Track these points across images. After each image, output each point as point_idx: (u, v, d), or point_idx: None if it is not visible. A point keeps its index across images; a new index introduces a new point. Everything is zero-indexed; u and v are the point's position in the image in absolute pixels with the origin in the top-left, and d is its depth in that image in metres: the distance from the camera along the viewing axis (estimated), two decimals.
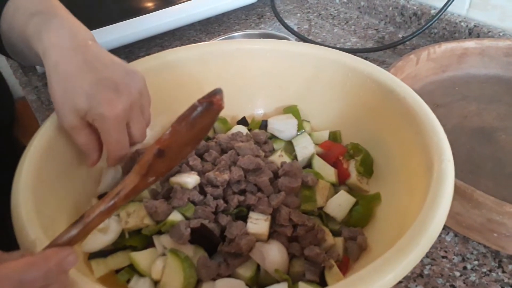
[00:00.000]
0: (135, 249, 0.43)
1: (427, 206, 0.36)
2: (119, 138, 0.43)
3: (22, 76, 0.86)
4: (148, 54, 0.65)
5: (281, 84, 0.61)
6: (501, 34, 0.78)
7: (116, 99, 0.41)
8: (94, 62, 0.42)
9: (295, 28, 0.95)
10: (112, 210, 0.36)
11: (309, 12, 1.03)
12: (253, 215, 0.45)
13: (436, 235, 0.34)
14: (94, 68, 0.41)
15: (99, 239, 0.44)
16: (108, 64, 0.42)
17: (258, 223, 0.44)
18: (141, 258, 0.42)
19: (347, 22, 0.98)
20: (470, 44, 0.72)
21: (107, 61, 0.43)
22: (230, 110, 0.61)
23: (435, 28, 0.87)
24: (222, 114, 0.61)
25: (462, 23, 0.82)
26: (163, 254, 0.43)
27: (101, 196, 0.49)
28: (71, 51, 0.42)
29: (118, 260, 0.43)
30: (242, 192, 0.48)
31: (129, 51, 0.88)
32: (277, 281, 0.42)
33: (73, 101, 0.41)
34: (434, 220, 0.35)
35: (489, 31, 0.79)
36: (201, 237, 0.43)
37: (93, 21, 0.84)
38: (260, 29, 0.97)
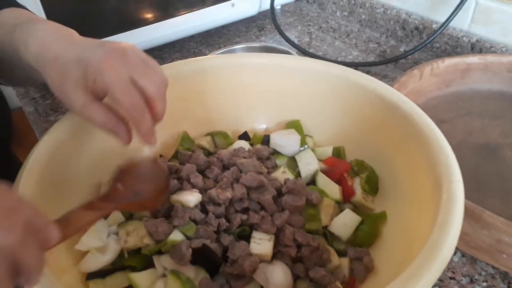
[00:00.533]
0: (134, 269, 0.42)
1: (437, 229, 0.35)
2: (129, 96, 0.38)
3: (20, 87, 0.85)
4: None
5: (283, 99, 0.60)
6: (503, 49, 0.78)
7: (108, 54, 0.39)
8: (81, 42, 0.42)
9: (296, 41, 0.94)
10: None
11: (309, 25, 1.03)
12: (256, 235, 0.44)
13: (448, 259, 0.33)
14: (81, 45, 0.41)
15: (97, 259, 0.42)
16: (96, 42, 0.42)
17: (261, 243, 0.43)
18: (140, 279, 0.40)
19: (348, 35, 0.98)
20: (474, 59, 0.72)
21: (94, 41, 0.42)
22: (232, 124, 0.61)
23: (437, 43, 0.87)
24: (224, 128, 0.60)
25: (464, 38, 0.82)
26: (164, 275, 0.41)
27: None
28: (57, 41, 0.42)
29: (117, 281, 0.41)
30: (245, 210, 0.47)
31: None
32: None
33: (69, 77, 0.39)
34: (446, 244, 0.34)
35: (492, 46, 0.79)
36: (203, 258, 0.42)
37: (92, 32, 0.83)
38: (260, 41, 0.96)
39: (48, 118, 0.76)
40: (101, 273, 0.41)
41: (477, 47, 0.81)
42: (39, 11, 0.70)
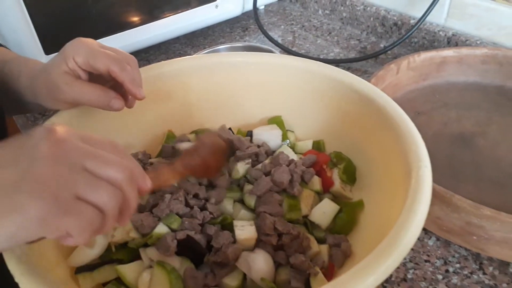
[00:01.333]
0: (121, 262, 0.44)
1: (405, 211, 0.37)
2: (106, 54, 0.44)
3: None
4: None
5: (265, 96, 0.62)
6: (478, 42, 0.80)
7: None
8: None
9: (279, 40, 0.96)
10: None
11: (292, 24, 1.05)
12: (237, 223, 0.46)
13: (415, 238, 0.35)
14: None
15: (85, 254, 0.44)
16: None
17: (244, 229, 0.45)
18: (128, 270, 0.42)
19: (330, 33, 1.00)
20: (449, 52, 0.74)
21: None
22: (215, 121, 0.62)
23: (415, 38, 0.89)
24: (208, 125, 0.62)
25: (441, 32, 0.85)
26: (150, 267, 0.43)
27: None
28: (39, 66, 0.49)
29: (105, 274, 0.43)
30: None
31: None
32: None
33: (52, 70, 0.45)
34: (413, 224, 0.36)
35: (467, 40, 0.81)
36: (188, 249, 0.44)
37: (79, 36, 0.85)
38: (244, 41, 0.98)
39: (36, 122, 0.78)
40: (90, 267, 0.43)
41: (453, 40, 0.83)
42: (25, 17, 0.72)
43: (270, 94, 0.62)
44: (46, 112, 0.79)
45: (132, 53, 0.45)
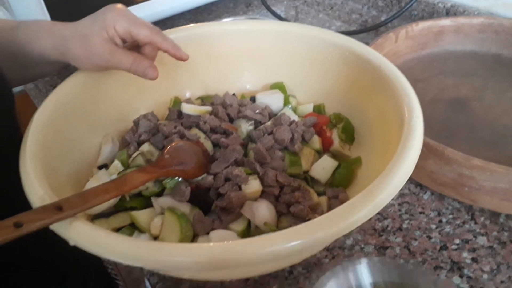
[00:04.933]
0: (135, 209, 0.47)
1: (397, 154, 0.40)
2: (146, 24, 0.49)
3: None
4: None
5: (267, 62, 0.64)
6: (475, 12, 0.82)
7: (114, 7, 0.50)
8: (81, 20, 0.51)
9: (282, 15, 0.98)
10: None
11: None
12: None
13: (406, 177, 0.38)
14: (84, 20, 0.51)
15: None
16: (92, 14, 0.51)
17: (250, 183, 0.48)
18: (141, 216, 0.46)
19: (331, 7, 1.02)
20: (446, 22, 0.76)
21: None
22: (220, 87, 0.65)
23: (415, 10, 0.91)
24: (212, 92, 0.65)
25: (440, 4, 0.87)
26: (161, 213, 0.47)
27: (100, 167, 0.53)
28: (62, 26, 0.51)
29: (119, 220, 0.46)
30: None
31: None
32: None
33: (92, 37, 0.48)
34: (404, 164, 0.38)
35: (465, 11, 0.83)
36: (196, 198, 0.47)
37: (84, 13, 0.87)
38: (248, 16, 1.00)
39: (48, 94, 0.80)
40: (105, 214, 0.47)
41: (451, 12, 0.85)
42: None
43: (272, 60, 0.64)
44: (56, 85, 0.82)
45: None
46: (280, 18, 0.93)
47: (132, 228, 0.46)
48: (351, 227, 0.34)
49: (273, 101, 0.61)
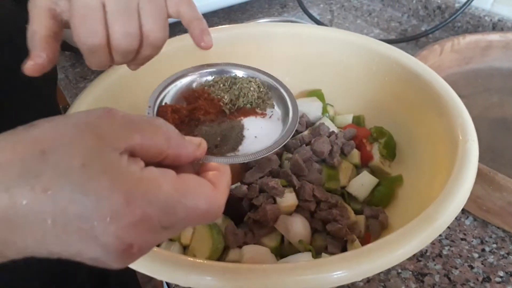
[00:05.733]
0: None
1: (451, 182, 0.37)
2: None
3: None
4: None
5: (306, 68, 0.62)
6: None
7: None
8: None
9: (318, 18, 0.96)
10: None
11: (332, 3, 1.04)
12: None
13: (459, 209, 0.35)
14: None
15: None
16: None
17: (285, 196, 0.46)
18: None
19: (370, 14, 0.99)
20: (495, 37, 0.72)
21: None
22: None
23: (459, 22, 0.87)
24: None
25: (486, 17, 0.83)
26: None
27: None
28: None
29: None
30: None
31: None
32: (300, 252, 0.43)
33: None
34: (458, 195, 0.36)
35: None
36: (229, 208, 0.45)
37: None
38: (282, 17, 0.98)
39: (77, 85, 0.80)
40: None
41: (498, 26, 0.81)
42: None
43: (311, 67, 0.62)
44: (87, 76, 0.81)
45: (170, 26, 0.41)
46: (316, 21, 0.90)
47: None
48: (404, 256, 0.32)
49: (311, 109, 0.59)
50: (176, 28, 0.46)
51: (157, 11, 0.36)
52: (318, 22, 0.90)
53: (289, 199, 0.46)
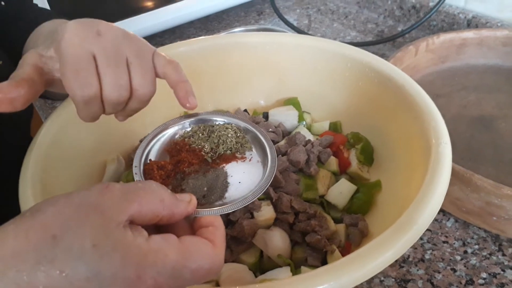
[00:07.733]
0: None
1: (425, 186, 0.36)
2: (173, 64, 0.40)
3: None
4: None
5: (281, 76, 0.61)
6: (499, 24, 0.78)
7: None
8: None
9: (294, 24, 0.95)
10: None
11: (308, 7, 1.04)
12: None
13: (435, 212, 0.35)
14: None
15: None
16: None
17: (263, 209, 0.45)
18: None
19: (346, 16, 0.99)
20: (469, 34, 0.73)
21: None
22: (231, 102, 0.62)
23: (434, 21, 0.87)
24: (224, 107, 0.62)
25: (461, 15, 0.83)
26: None
27: None
28: None
29: None
30: None
31: None
32: (280, 267, 0.42)
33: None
34: (432, 199, 0.35)
35: (487, 22, 0.79)
36: None
37: (84, 5, 0.85)
38: (259, 25, 0.97)
39: (53, 104, 0.78)
40: None
41: (473, 23, 0.81)
42: (43, 1, 0.72)
43: (286, 75, 0.61)
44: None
45: (146, 37, 0.43)
46: (292, 27, 0.90)
47: None
48: (385, 264, 0.32)
49: (287, 118, 0.58)
50: (152, 41, 0.46)
51: (145, 66, 0.38)
52: (295, 28, 0.90)
53: (266, 212, 0.45)
